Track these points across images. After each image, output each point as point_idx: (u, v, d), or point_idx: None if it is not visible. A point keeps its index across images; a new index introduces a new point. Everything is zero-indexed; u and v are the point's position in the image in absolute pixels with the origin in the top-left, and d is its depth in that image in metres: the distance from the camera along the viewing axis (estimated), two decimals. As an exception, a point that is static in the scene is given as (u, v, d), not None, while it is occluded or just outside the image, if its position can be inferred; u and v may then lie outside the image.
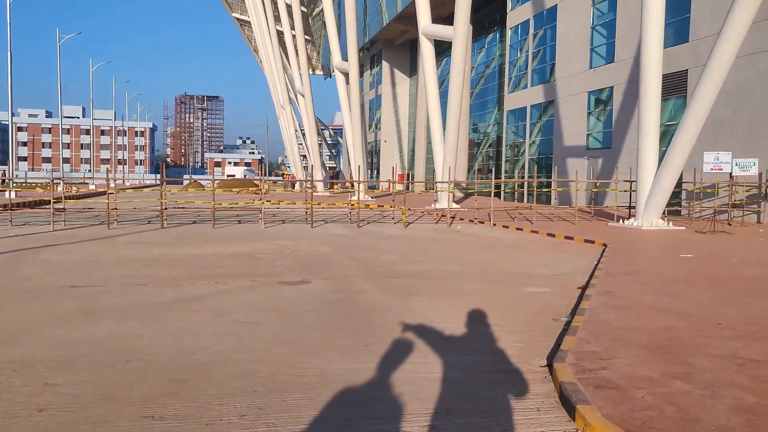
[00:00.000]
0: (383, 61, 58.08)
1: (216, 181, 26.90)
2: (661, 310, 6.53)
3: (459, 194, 38.24)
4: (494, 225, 18.91)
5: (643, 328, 5.72)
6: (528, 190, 33.41)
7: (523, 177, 35.24)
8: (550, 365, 4.73)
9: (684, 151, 16.34)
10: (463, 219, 21.21)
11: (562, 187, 29.61)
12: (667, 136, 22.57)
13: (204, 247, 12.53)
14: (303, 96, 46.06)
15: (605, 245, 13.37)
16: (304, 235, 15.55)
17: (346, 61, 37.36)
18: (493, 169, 36.42)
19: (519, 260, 11.20)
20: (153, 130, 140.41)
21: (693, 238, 14.89)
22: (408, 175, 55.76)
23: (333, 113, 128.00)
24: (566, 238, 15.19)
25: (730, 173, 19.59)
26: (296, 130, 60.69)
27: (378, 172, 60.45)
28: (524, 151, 35.70)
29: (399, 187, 40.36)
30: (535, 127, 34.62)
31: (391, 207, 28.28)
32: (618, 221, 19.05)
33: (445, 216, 22.35)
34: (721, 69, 15.25)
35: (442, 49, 45.85)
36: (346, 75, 38.60)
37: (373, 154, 62.80)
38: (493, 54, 42.37)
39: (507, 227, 18.31)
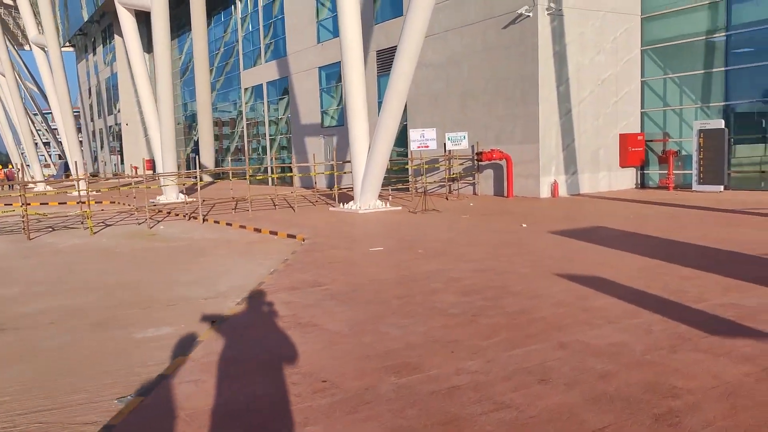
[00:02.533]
0: (116, 35, 51.89)
1: None
2: (269, 369, 4.91)
3: (209, 178, 35.29)
4: (205, 220, 16.72)
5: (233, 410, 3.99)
6: (270, 175, 31.67)
7: (264, 160, 33.42)
8: None
9: (390, 127, 15.61)
10: (178, 215, 18.65)
11: (303, 172, 28.36)
12: (389, 111, 22.16)
13: None
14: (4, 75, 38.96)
15: (304, 239, 11.97)
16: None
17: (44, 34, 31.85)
18: (247, 150, 34.09)
19: (182, 274, 9.16)
20: None
21: (403, 221, 14.20)
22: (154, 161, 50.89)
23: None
24: (271, 233, 13.56)
25: (445, 148, 19.64)
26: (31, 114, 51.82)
27: (122, 158, 54.52)
28: (264, 132, 33.86)
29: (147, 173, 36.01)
30: (274, 105, 32.88)
31: (113, 203, 24.54)
32: (340, 204, 18.04)
33: (160, 212, 19.56)
34: (412, 44, 14.62)
35: (182, 23, 41.96)
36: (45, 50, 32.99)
37: (116, 138, 56.52)
38: (229, 28, 39.59)
39: (217, 222, 16.24)
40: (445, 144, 19.43)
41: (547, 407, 3.74)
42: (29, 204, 15.83)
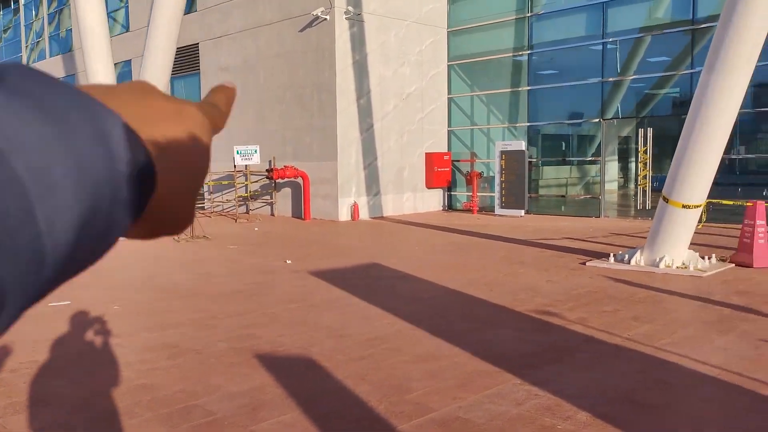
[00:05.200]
0: None
1: None
2: None
3: None
4: None
5: None
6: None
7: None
8: None
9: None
10: None
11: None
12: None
13: None
14: None
15: None
16: None
17: None
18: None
19: None
20: None
21: (154, 253, 11.55)
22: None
23: None
24: None
25: (234, 163, 17.24)
26: None
27: None
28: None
29: None
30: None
31: None
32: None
33: None
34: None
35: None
36: None
37: None
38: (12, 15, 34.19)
39: None
40: (234, 159, 17.01)
41: None
42: None
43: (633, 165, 24.00)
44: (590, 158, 19.56)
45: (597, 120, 16.67)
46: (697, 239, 11.43)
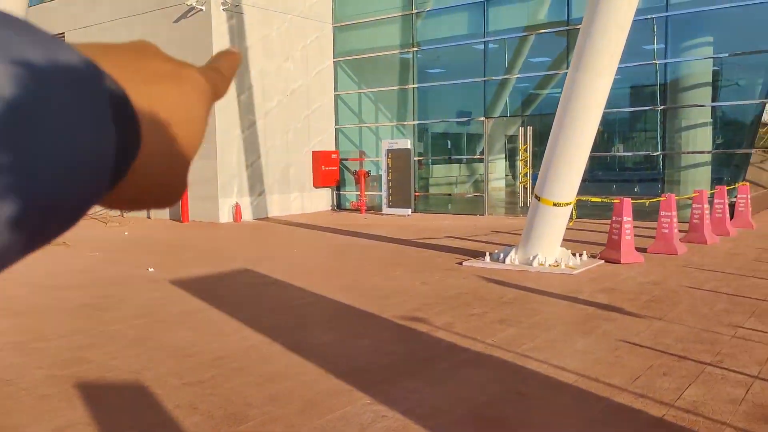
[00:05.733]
0: None
1: None
2: None
3: None
4: None
5: None
6: None
7: None
8: None
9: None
10: None
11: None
12: None
13: None
14: None
15: None
16: None
17: None
18: None
19: None
20: None
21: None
22: None
23: None
24: None
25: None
26: None
27: None
28: None
29: None
30: None
31: None
32: None
33: None
34: None
35: None
36: None
37: None
38: None
39: None
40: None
41: None
42: None
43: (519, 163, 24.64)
44: (476, 156, 19.77)
45: (481, 119, 16.80)
46: (574, 236, 11.67)
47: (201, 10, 15.30)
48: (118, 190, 0.34)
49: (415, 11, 17.27)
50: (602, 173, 17.52)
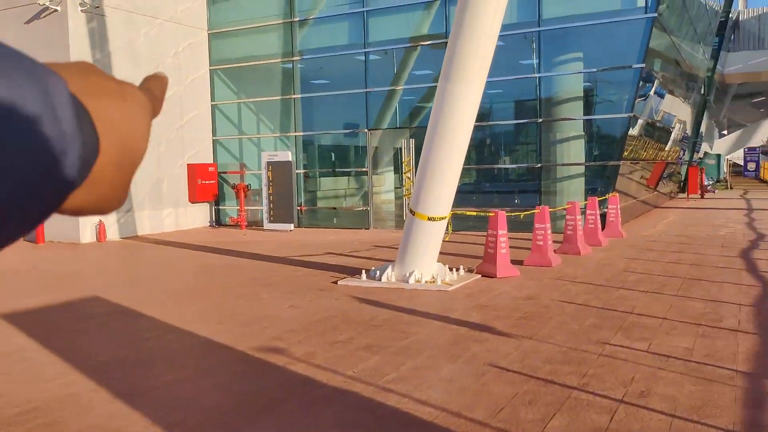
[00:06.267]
0: None
1: None
2: None
3: None
4: None
5: None
6: None
7: None
8: None
9: None
10: None
11: None
12: None
13: None
14: None
15: None
16: None
17: None
18: None
19: None
20: None
21: None
22: None
23: None
24: None
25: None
26: None
27: None
28: None
29: None
30: None
31: None
32: None
33: None
34: None
35: None
36: None
37: None
38: None
39: None
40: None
41: None
42: None
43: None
44: (361, 169, 19.43)
45: (365, 130, 16.48)
46: (456, 249, 11.52)
47: (56, 10, 13.97)
48: (73, 194, 0.36)
49: (295, 20, 16.73)
50: (489, 185, 17.68)
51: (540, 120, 14.69)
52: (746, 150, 44.91)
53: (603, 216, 12.80)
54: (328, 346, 5.65)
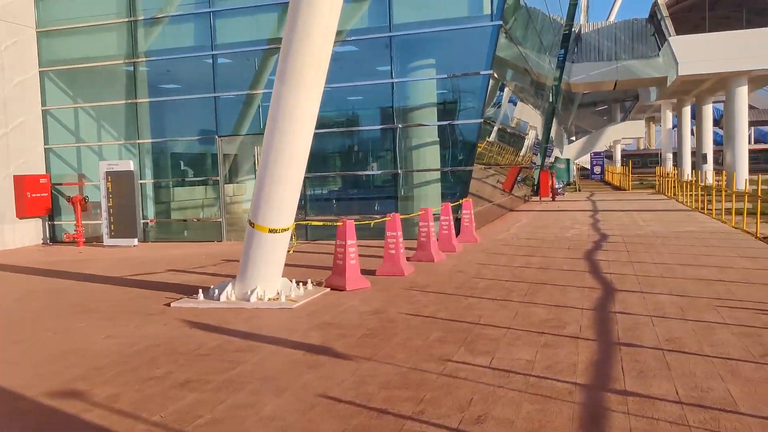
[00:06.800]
0: None
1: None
2: None
3: None
4: None
5: None
6: None
7: None
8: None
9: None
10: None
11: None
12: None
13: None
14: None
15: None
16: None
17: None
18: None
19: None
20: None
21: None
22: None
23: None
24: None
25: None
26: None
27: None
28: None
29: None
30: None
31: None
32: None
33: None
34: None
35: None
36: None
37: None
38: None
39: None
40: None
41: None
42: None
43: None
44: (214, 178, 18.39)
45: (214, 137, 15.53)
46: (309, 260, 10.97)
47: None
48: None
49: (137, 18, 15.47)
50: (357, 191, 17.31)
51: (399, 126, 14.54)
52: (592, 155, 48.42)
53: (458, 221, 12.83)
54: (138, 385, 4.89)
